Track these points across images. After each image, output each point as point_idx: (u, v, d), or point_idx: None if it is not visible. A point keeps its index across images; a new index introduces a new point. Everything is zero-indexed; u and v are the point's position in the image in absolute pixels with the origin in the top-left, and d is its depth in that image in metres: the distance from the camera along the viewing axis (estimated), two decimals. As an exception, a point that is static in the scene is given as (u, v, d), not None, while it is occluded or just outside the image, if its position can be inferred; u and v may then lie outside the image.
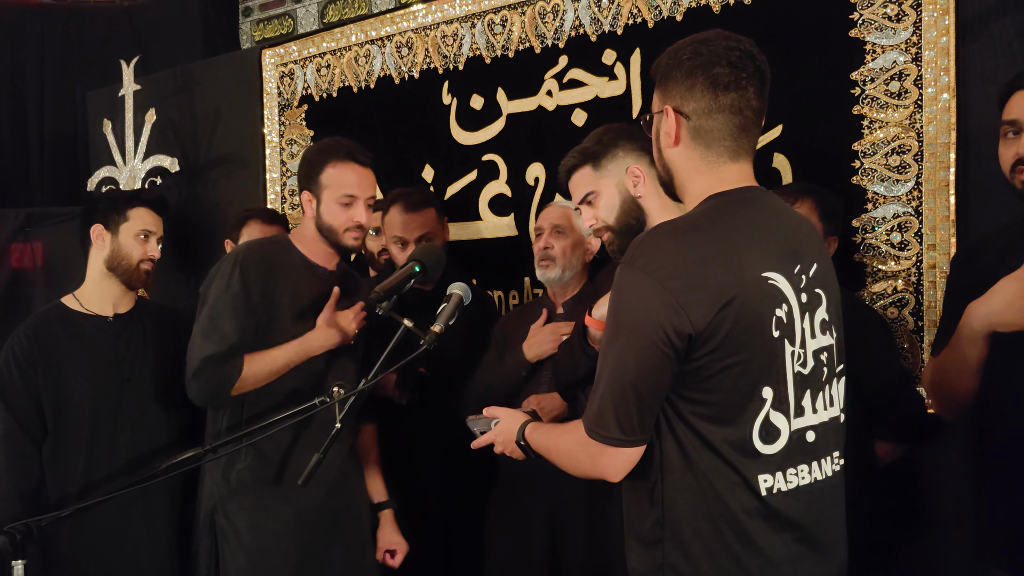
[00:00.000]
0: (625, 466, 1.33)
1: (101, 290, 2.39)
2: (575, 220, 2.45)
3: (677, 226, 1.33)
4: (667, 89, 1.38)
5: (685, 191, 1.41)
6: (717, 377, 1.26)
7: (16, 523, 1.69)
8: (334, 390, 1.82)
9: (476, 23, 3.00)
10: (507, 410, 1.65)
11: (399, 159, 3.18)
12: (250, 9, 4.24)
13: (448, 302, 1.84)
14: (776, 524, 1.30)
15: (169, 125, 3.71)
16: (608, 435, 1.31)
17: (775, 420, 1.29)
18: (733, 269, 1.26)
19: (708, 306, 1.24)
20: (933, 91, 2.21)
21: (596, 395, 1.33)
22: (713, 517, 1.28)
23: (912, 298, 2.26)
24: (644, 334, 1.25)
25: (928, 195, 2.23)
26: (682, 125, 1.36)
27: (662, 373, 1.27)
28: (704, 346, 1.25)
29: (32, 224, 3.91)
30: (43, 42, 4.43)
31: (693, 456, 1.29)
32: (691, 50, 1.35)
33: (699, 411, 1.28)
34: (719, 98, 1.33)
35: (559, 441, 1.46)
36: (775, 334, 1.28)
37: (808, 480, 1.33)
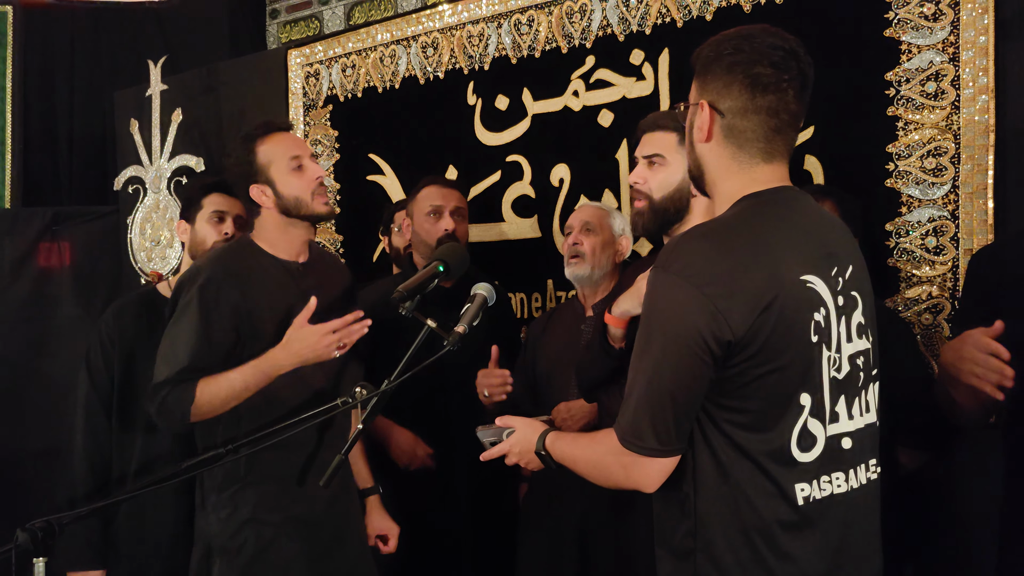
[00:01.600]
0: (660, 476, 1.29)
1: None
2: (606, 220, 2.43)
3: (712, 229, 1.29)
4: (705, 82, 1.34)
5: (715, 189, 1.37)
6: (755, 384, 1.22)
7: (37, 520, 1.70)
8: (356, 390, 1.79)
9: (502, 23, 2.98)
10: (523, 419, 1.58)
11: (423, 159, 3.16)
12: (277, 11, 4.26)
13: (472, 302, 1.81)
14: (810, 534, 1.25)
15: (195, 125, 3.72)
16: (644, 445, 1.26)
17: (812, 427, 1.25)
18: (771, 273, 1.22)
19: (747, 311, 1.20)
20: (971, 92, 2.16)
21: (630, 404, 1.28)
22: (746, 528, 1.24)
23: (947, 304, 2.20)
24: (681, 341, 1.22)
25: (965, 199, 2.17)
26: (715, 121, 1.32)
27: (699, 381, 1.23)
28: (742, 352, 1.21)
29: (60, 223, 3.95)
30: (72, 42, 4.47)
31: (728, 466, 1.24)
32: (733, 45, 1.30)
33: (735, 419, 1.24)
34: (756, 99, 1.29)
35: (587, 451, 1.41)
36: (813, 339, 1.24)
37: (844, 488, 1.29)
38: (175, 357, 1.96)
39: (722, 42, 1.33)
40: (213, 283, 1.97)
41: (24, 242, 3.93)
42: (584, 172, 2.81)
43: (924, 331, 2.24)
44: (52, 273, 3.98)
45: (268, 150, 2.04)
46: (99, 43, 4.49)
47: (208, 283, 1.97)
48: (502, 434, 1.59)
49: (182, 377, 1.94)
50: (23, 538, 1.67)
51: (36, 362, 3.88)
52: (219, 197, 2.48)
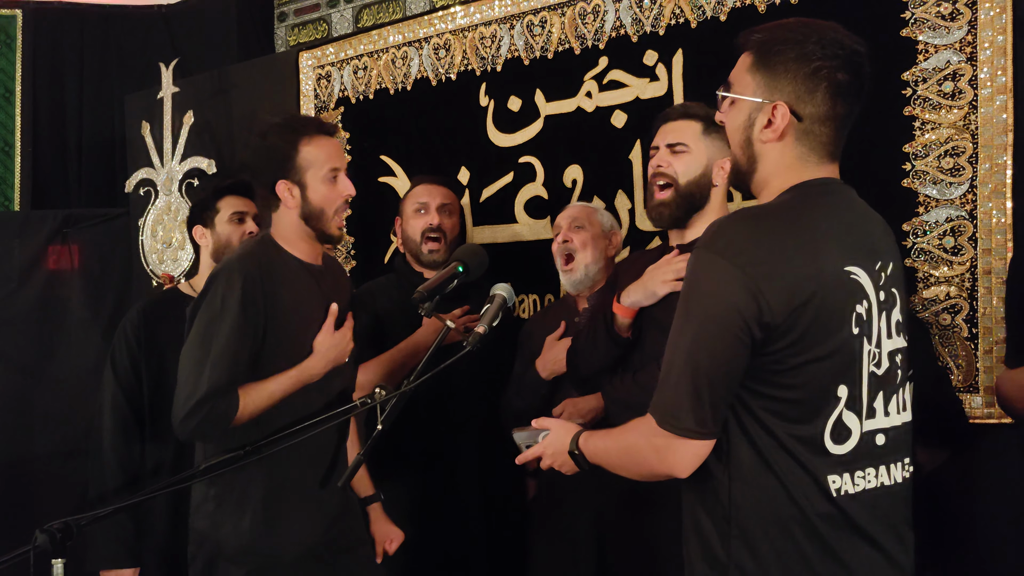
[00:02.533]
0: (695, 461, 1.28)
1: None
2: (594, 216, 2.44)
3: (758, 212, 1.29)
4: (778, 80, 1.29)
5: (767, 184, 1.35)
6: (792, 372, 1.22)
7: (55, 522, 1.69)
8: (375, 391, 1.79)
9: (515, 24, 2.98)
10: (558, 421, 1.58)
11: (435, 161, 3.16)
12: (285, 14, 4.26)
13: (491, 303, 1.81)
14: (845, 527, 1.25)
15: (206, 127, 3.73)
16: (682, 426, 1.25)
17: (847, 420, 1.25)
18: (815, 261, 1.21)
19: (788, 297, 1.19)
20: (989, 91, 2.15)
21: (668, 384, 1.27)
22: (783, 518, 1.24)
23: (966, 304, 2.19)
24: (721, 321, 1.20)
25: (983, 198, 2.16)
26: (791, 124, 1.30)
27: (738, 362, 1.22)
28: (782, 339, 1.20)
29: (70, 225, 3.96)
30: (82, 45, 4.48)
31: (765, 454, 1.24)
32: (817, 46, 1.27)
33: (772, 407, 1.23)
34: (836, 107, 1.28)
35: (619, 441, 1.40)
36: (855, 331, 1.24)
37: (875, 484, 1.29)
38: (216, 368, 1.86)
39: (802, 40, 1.28)
40: (249, 284, 1.90)
41: (34, 245, 3.93)
42: (597, 173, 2.81)
43: (942, 332, 2.23)
44: (62, 276, 3.98)
45: (312, 153, 1.97)
46: (108, 46, 4.50)
47: (246, 284, 1.90)
48: (537, 436, 1.58)
49: (227, 389, 1.87)
50: (42, 539, 1.67)
51: (45, 364, 3.89)
52: (235, 199, 2.51)
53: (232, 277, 1.91)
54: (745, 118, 1.34)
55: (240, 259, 1.97)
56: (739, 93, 1.35)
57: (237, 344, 1.88)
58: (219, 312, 1.88)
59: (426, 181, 2.69)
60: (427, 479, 2.52)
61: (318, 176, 1.96)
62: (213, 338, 1.88)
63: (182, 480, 1.97)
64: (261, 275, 1.93)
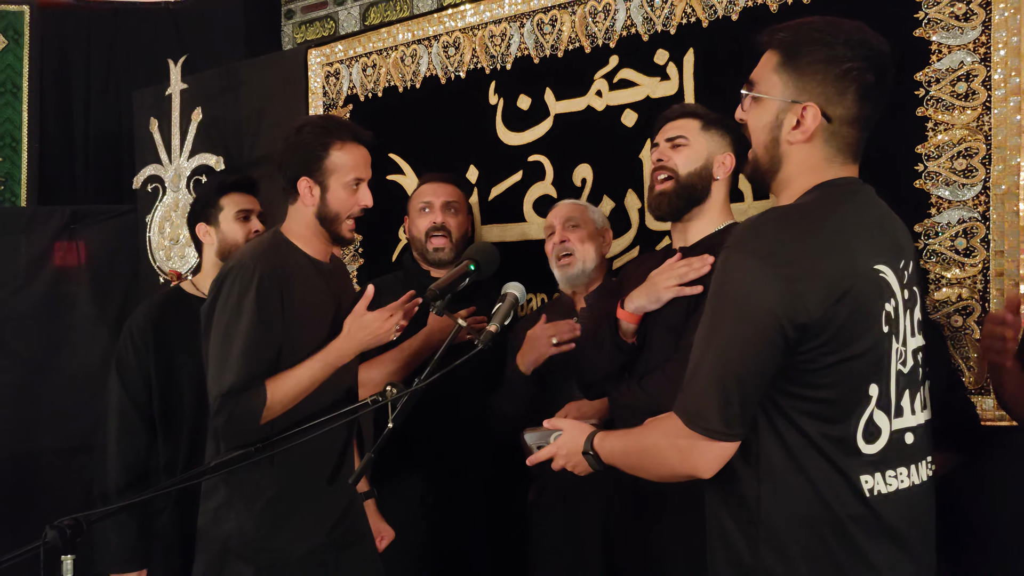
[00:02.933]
0: (719, 462, 1.27)
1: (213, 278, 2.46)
2: (587, 214, 2.44)
3: (789, 212, 1.28)
4: (807, 81, 1.29)
5: (790, 183, 1.35)
6: (826, 372, 1.21)
7: (66, 518, 1.69)
8: (387, 389, 1.79)
9: (525, 23, 2.97)
10: (571, 421, 1.57)
11: (444, 159, 3.15)
12: (292, 11, 4.26)
13: (503, 302, 1.81)
14: (876, 529, 1.25)
15: (214, 124, 3.72)
16: (709, 427, 1.24)
17: (878, 419, 1.25)
18: (847, 259, 1.21)
19: (823, 296, 1.19)
20: (1003, 92, 2.14)
21: (696, 384, 1.26)
22: (814, 520, 1.23)
23: (978, 306, 2.19)
24: (754, 322, 1.20)
25: (996, 200, 2.15)
26: (820, 126, 1.30)
27: (769, 364, 1.21)
28: (816, 338, 1.20)
29: (77, 222, 3.96)
30: (89, 42, 4.49)
31: (796, 455, 1.23)
32: (846, 47, 1.27)
33: (804, 407, 1.23)
34: (863, 108, 1.29)
35: (638, 441, 1.39)
36: (884, 329, 1.24)
37: (907, 484, 1.28)
38: (240, 362, 1.86)
39: (831, 42, 1.28)
40: (266, 280, 1.91)
41: (41, 241, 3.93)
42: (607, 172, 2.80)
43: (953, 334, 2.22)
44: (68, 272, 3.98)
45: (341, 158, 2.00)
46: (115, 43, 4.50)
47: (262, 280, 1.90)
48: (549, 437, 1.56)
49: (250, 383, 1.86)
50: (52, 535, 1.67)
51: (52, 361, 3.89)
52: (239, 196, 2.51)
53: (247, 275, 1.91)
54: (772, 118, 1.34)
55: (254, 256, 1.97)
56: (765, 92, 1.34)
57: (257, 338, 1.88)
58: (236, 309, 1.89)
59: (432, 180, 2.70)
60: (431, 477, 2.51)
61: (341, 182, 2.00)
62: (233, 336, 1.88)
63: (192, 477, 1.96)
64: (275, 272, 1.94)
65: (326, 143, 1.99)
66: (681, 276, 1.84)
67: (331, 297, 2.05)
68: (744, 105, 1.39)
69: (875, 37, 1.30)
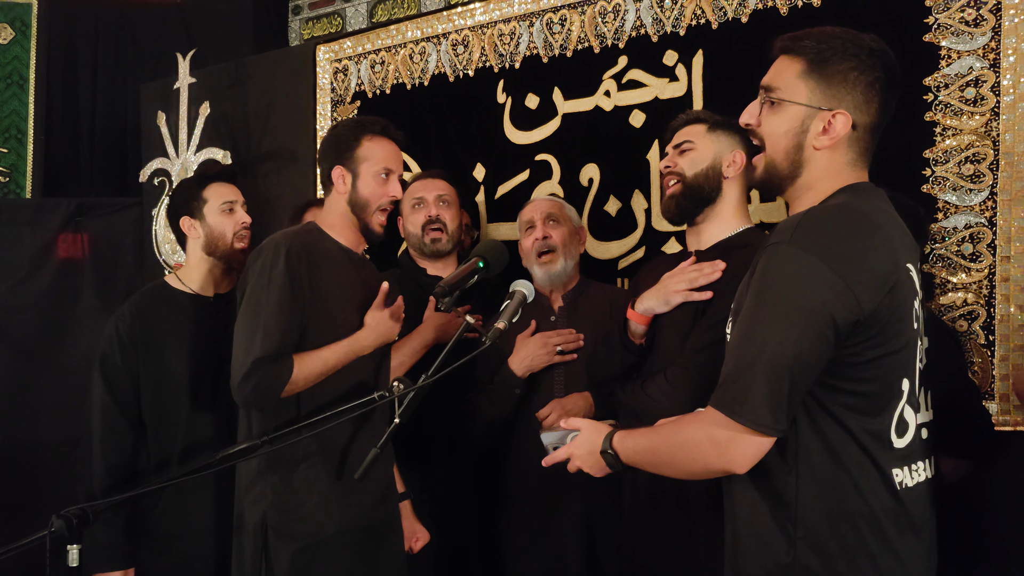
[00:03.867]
0: (756, 456, 1.26)
1: (201, 272, 2.44)
2: (565, 211, 2.45)
3: (835, 210, 1.29)
4: (836, 88, 1.32)
5: (809, 189, 1.36)
6: (868, 366, 1.23)
7: (72, 508, 1.70)
8: (394, 385, 1.79)
9: (534, 22, 2.98)
10: (588, 421, 1.54)
11: (451, 157, 3.16)
12: (300, 7, 4.26)
13: (511, 299, 1.81)
14: (904, 521, 1.27)
15: (222, 118, 3.73)
16: (756, 420, 1.22)
17: (906, 414, 1.27)
18: (892, 253, 1.24)
19: (875, 290, 1.21)
20: (1011, 98, 2.15)
21: (740, 378, 1.24)
22: (853, 515, 1.24)
23: (983, 311, 2.19)
24: (807, 316, 1.20)
25: (1003, 205, 2.16)
26: (847, 132, 1.32)
27: (818, 359, 1.22)
28: (865, 332, 1.21)
29: (83, 214, 3.96)
30: (97, 34, 4.48)
31: (837, 449, 1.24)
32: (872, 58, 1.31)
33: (847, 401, 1.24)
34: (884, 116, 1.33)
35: (668, 436, 1.37)
36: (915, 325, 1.27)
37: (923, 477, 1.32)
38: (268, 333, 1.94)
39: (857, 52, 1.31)
40: (295, 255, 2.00)
41: (45, 233, 3.93)
42: (614, 172, 2.81)
43: (959, 337, 2.22)
44: (73, 264, 3.98)
45: (371, 149, 2.11)
46: (122, 36, 4.50)
47: (291, 254, 1.99)
48: (566, 438, 1.54)
49: (280, 352, 1.95)
50: (58, 525, 1.67)
51: (55, 352, 3.89)
52: (222, 186, 2.44)
53: (277, 251, 2.00)
54: (797, 124, 1.34)
55: (284, 236, 2.07)
56: (789, 98, 1.34)
57: (287, 311, 1.97)
58: (266, 284, 1.98)
59: (421, 176, 2.72)
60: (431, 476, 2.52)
61: (371, 171, 2.10)
62: (262, 308, 1.96)
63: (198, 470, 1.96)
64: (304, 251, 2.03)
65: (358, 135, 2.11)
66: (691, 281, 1.84)
67: (361, 285, 2.12)
68: (758, 110, 1.39)
69: (888, 49, 1.34)
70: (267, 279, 1.98)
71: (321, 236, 2.13)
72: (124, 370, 2.29)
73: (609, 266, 2.79)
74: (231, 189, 2.46)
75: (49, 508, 1.70)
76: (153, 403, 2.31)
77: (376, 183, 2.10)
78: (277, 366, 1.94)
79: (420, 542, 2.35)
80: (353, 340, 2.03)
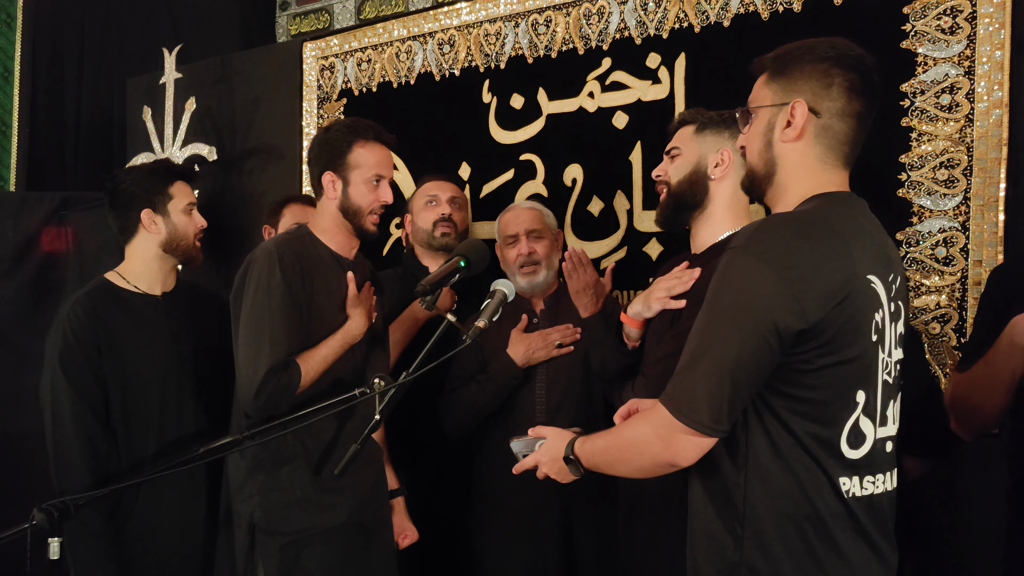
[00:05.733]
0: (699, 453, 1.30)
1: (151, 270, 2.36)
2: (545, 221, 2.48)
3: (792, 218, 1.31)
4: (794, 82, 1.34)
5: (785, 190, 1.38)
6: (818, 373, 1.24)
7: (53, 501, 1.71)
8: (375, 381, 1.81)
9: (520, 22, 3.00)
10: (554, 429, 1.58)
11: (436, 156, 3.18)
12: (287, 3, 4.26)
13: (492, 298, 1.83)
14: (852, 528, 1.29)
15: (207, 114, 3.73)
16: (696, 419, 1.26)
17: (863, 426, 1.29)
18: (847, 265, 1.25)
19: (823, 300, 1.22)
20: (985, 105, 2.19)
21: (687, 377, 1.28)
22: (799, 518, 1.27)
23: (955, 314, 2.24)
24: (752, 323, 1.23)
25: (976, 211, 2.20)
26: (810, 121, 1.34)
27: (761, 365, 1.24)
28: (813, 341, 1.23)
29: (66, 208, 3.94)
30: (83, 27, 4.46)
31: (784, 453, 1.26)
32: (827, 47, 1.33)
33: (794, 407, 1.26)
34: (852, 102, 1.33)
35: (620, 434, 1.41)
36: (873, 338, 1.27)
37: (880, 490, 1.32)
38: (275, 343, 1.98)
39: (815, 46, 1.34)
40: (288, 262, 2.03)
41: (29, 226, 3.90)
42: (597, 173, 2.84)
43: (931, 340, 2.27)
44: (56, 258, 3.96)
45: (362, 155, 2.12)
46: (109, 29, 4.48)
47: (285, 262, 2.03)
48: (535, 445, 1.57)
49: (287, 361, 1.99)
50: (39, 518, 1.69)
51: (38, 346, 3.83)
52: (186, 186, 2.39)
53: (271, 260, 2.03)
54: (765, 124, 1.38)
55: (276, 243, 2.10)
56: (759, 104, 1.39)
57: (289, 318, 2.01)
58: (265, 293, 2.00)
59: (435, 178, 2.75)
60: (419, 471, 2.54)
61: (362, 177, 2.11)
62: (265, 319, 1.99)
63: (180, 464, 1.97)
64: (296, 257, 2.06)
65: (350, 140, 2.11)
66: (669, 288, 1.86)
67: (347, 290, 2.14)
68: (743, 129, 1.42)
69: (856, 47, 1.36)
70: (266, 289, 2.00)
71: (312, 241, 2.15)
72: (90, 375, 2.19)
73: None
74: (191, 190, 2.41)
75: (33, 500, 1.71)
76: (121, 406, 2.24)
77: (367, 189, 2.11)
78: (287, 373, 1.98)
79: (408, 540, 2.36)
80: (344, 331, 2.08)
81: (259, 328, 1.99)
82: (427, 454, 2.55)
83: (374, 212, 2.14)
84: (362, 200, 2.11)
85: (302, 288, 2.04)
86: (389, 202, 2.15)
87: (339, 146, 2.11)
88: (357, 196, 2.11)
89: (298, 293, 2.03)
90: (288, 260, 2.04)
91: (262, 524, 2.06)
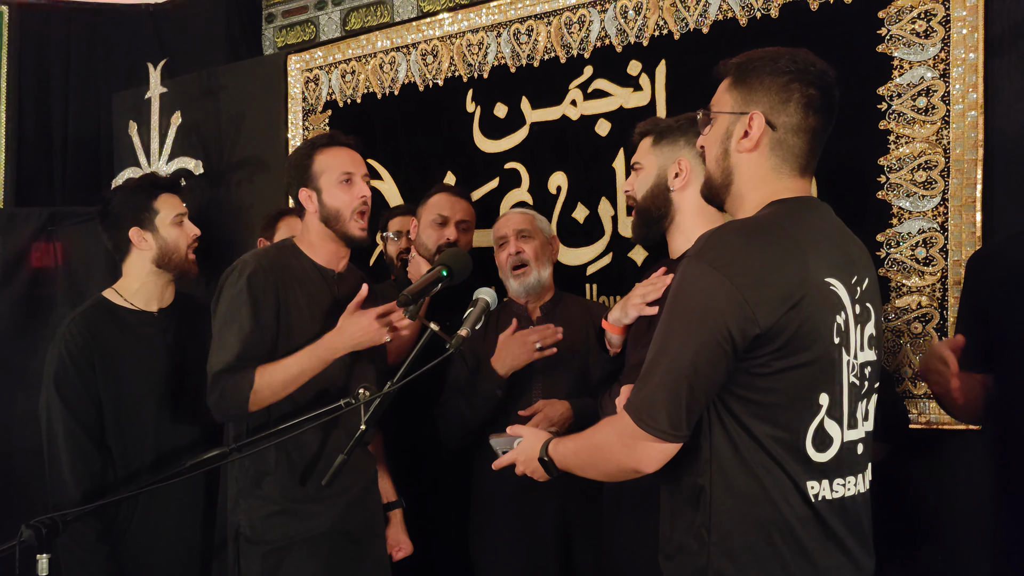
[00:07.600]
0: (662, 459, 1.31)
1: (147, 286, 2.38)
2: (536, 224, 2.49)
3: (746, 225, 1.33)
4: (754, 93, 1.36)
5: (742, 199, 1.40)
6: (775, 377, 1.26)
7: (42, 517, 1.71)
8: (360, 392, 1.83)
9: (502, 32, 3.02)
10: (531, 428, 1.61)
11: (422, 166, 3.19)
12: (273, 15, 4.28)
13: (475, 307, 1.85)
14: (820, 532, 1.29)
15: (193, 128, 3.74)
16: (656, 426, 1.28)
17: (829, 428, 1.29)
18: (800, 270, 1.26)
19: (775, 305, 1.23)
20: (961, 108, 2.22)
21: (647, 385, 1.30)
22: (764, 522, 1.27)
23: (936, 313, 2.26)
24: (705, 329, 1.24)
25: (954, 211, 2.23)
26: (766, 134, 1.36)
27: (717, 370, 1.26)
28: (767, 345, 1.24)
29: (54, 223, 3.94)
30: (68, 43, 4.46)
31: (746, 457, 1.27)
32: (789, 61, 1.34)
33: (754, 411, 1.27)
34: (808, 119, 1.34)
35: (588, 439, 1.42)
36: (835, 340, 1.28)
37: (852, 492, 1.33)
38: (230, 346, 2.00)
39: (777, 58, 1.35)
40: (259, 273, 2.05)
41: (18, 242, 3.90)
42: (581, 180, 2.86)
43: (913, 339, 2.29)
44: (45, 273, 3.96)
45: (324, 160, 2.13)
46: (95, 44, 4.48)
47: (255, 273, 2.04)
48: (513, 443, 1.59)
49: (240, 365, 1.98)
50: (27, 534, 1.69)
51: (27, 362, 3.86)
52: (172, 198, 2.39)
53: (243, 271, 2.05)
54: (723, 131, 1.40)
55: (254, 255, 2.14)
56: (719, 109, 1.41)
57: (247, 326, 2.00)
58: (228, 301, 2.04)
59: (450, 191, 2.67)
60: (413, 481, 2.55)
61: (331, 180, 2.12)
62: (227, 321, 2.03)
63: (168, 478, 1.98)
64: (272, 268, 2.07)
65: (309, 152, 2.15)
66: (644, 295, 1.87)
67: (333, 303, 2.12)
68: (704, 131, 1.44)
69: (819, 61, 1.37)
70: (229, 297, 2.05)
71: (295, 253, 2.16)
72: (84, 393, 2.22)
73: (578, 272, 2.84)
74: (179, 201, 2.41)
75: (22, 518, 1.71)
76: (116, 422, 2.26)
77: (340, 190, 2.11)
78: (235, 379, 1.97)
79: (402, 552, 2.36)
80: (317, 345, 2.00)
81: (222, 331, 2.03)
82: (424, 463, 2.56)
83: (356, 212, 2.11)
84: (338, 201, 2.11)
85: (275, 300, 2.04)
86: (367, 196, 2.14)
87: (302, 161, 2.15)
88: (331, 199, 2.11)
89: (267, 304, 2.03)
90: (260, 271, 2.05)
91: (246, 533, 2.07)
